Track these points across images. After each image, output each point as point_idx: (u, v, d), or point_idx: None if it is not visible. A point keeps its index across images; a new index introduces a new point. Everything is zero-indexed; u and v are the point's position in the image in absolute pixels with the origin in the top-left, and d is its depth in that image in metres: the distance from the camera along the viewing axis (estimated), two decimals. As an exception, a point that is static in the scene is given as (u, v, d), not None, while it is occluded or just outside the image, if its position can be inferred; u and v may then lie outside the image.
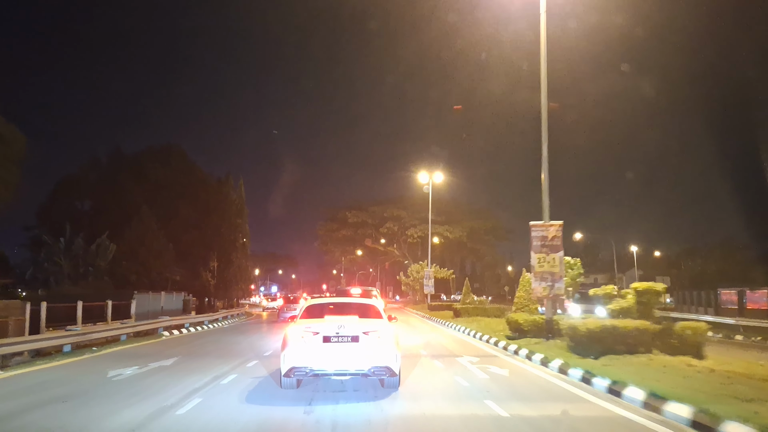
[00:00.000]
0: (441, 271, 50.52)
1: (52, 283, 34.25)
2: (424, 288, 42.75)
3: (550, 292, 15.26)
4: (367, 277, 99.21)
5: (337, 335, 8.58)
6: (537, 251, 15.43)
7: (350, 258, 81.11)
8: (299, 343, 8.55)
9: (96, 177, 48.64)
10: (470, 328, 20.85)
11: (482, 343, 17.28)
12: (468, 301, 31.53)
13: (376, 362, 8.46)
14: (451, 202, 58.88)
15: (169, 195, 48.64)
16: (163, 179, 49.48)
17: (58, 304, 20.56)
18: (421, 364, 12.54)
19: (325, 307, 10.00)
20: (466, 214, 62.03)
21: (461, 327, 22.39)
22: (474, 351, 14.95)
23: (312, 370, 8.45)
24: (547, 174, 15.37)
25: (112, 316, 23.03)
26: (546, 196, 15.46)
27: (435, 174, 41.68)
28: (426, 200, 58.80)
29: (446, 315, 31.27)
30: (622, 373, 9.62)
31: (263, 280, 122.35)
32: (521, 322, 16.61)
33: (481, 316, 26.71)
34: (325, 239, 69.41)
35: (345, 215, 62.63)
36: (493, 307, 29.03)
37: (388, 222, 60.29)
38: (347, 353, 8.47)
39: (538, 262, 15.31)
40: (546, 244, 15.37)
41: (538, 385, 9.87)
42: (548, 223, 15.55)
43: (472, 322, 23.35)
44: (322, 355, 8.46)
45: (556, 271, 15.17)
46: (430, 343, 17.42)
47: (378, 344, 8.57)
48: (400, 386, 9.31)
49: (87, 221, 45.45)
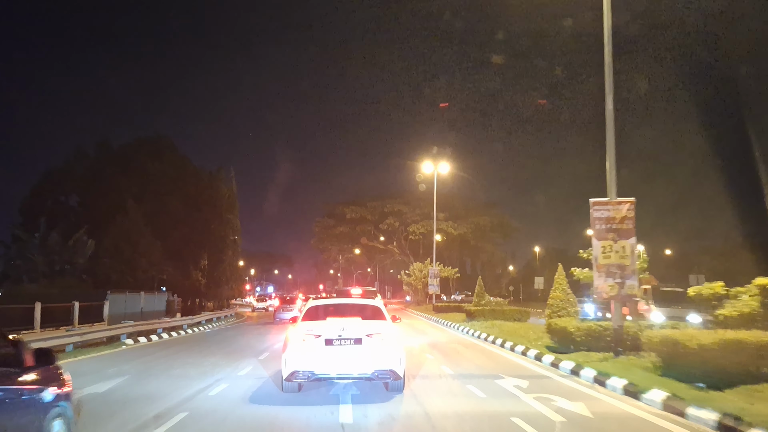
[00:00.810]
0: (445, 269, 47.62)
1: (25, 281, 31.47)
2: (429, 288, 39.84)
3: (619, 291, 11.72)
4: (365, 277, 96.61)
5: (339, 338, 8.39)
6: (601, 237, 11.90)
7: (348, 257, 78.21)
8: (300, 346, 8.38)
9: (83, 170, 46.03)
10: (493, 335, 17.98)
11: (517, 356, 14.11)
12: (483, 302, 28.55)
13: (379, 365, 8.29)
14: (456, 197, 55.91)
15: (157, 189, 46.56)
16: (151, 172, 47.38)
17: (13, 306, 17.67)
18: (449, 390, 9.44)
19: (327, 308, 9.73)
20: (471, 210, 58.97)
21: (479, 332, 19.56)
22: (514, 369, 11.87)
23: (314, 373, 8.29)
24: (612, 134, 12.06)
25: (80, 319, 20.18)
26: (612, 162, 12.04)
27: (440, 164, 38.74)
28: (429, 195, 55.86)
29: (456, 317, 28.41)
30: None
31: (259, 280, 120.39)
32: (571, 330, 13.02)
33: (499, 319, 23.85)
34: (322, 236, 66.09)
35: (343, 211, 59.44)
36: (511, 309, 25.94)
37: (388, 218, 57.17)
38: (350, 356, 8.30)
39: (603, 252, 11.80)
40: (613, 228, 11.82)
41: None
42: (616, 199, 12.00)
43: (491, 327, 20.47)
44: (324, 359, 8.29)
45: (627, 264, 11.63)
46: (450, 355, 14.58)
47: (382, 347, 8.39)
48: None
49: (74, 217, 43.71)
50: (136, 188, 44.53)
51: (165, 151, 50.39)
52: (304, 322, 9.00)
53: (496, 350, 15.72)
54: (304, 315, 9.45)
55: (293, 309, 32.18)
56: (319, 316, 9.25)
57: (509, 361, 13.40)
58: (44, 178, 45.11)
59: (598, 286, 11.93)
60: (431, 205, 56.10)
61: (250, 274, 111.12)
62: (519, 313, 25.09)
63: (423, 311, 39.92)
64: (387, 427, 6.95)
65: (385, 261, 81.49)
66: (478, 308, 25.76)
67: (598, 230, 12.02)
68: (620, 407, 8.11)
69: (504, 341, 16.15)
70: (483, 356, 14.38)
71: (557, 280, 17.74)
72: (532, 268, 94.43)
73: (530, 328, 19.80)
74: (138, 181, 45.71)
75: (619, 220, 11.83)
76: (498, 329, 19.63)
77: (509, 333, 18.01)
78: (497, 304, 30.37)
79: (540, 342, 15.04)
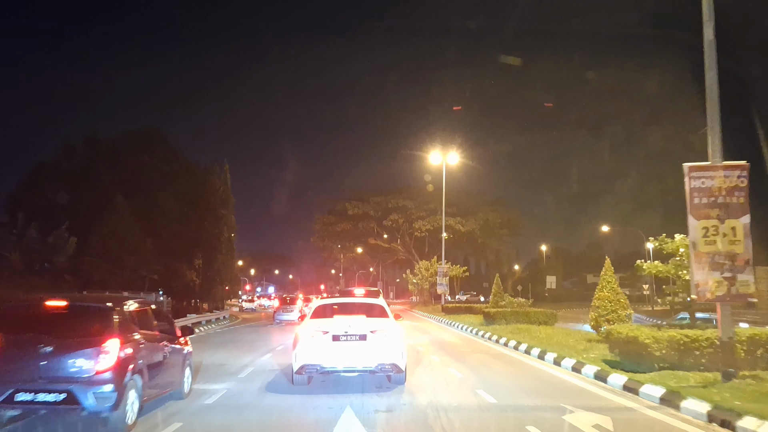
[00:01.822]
0: (453, 268, 44.72)
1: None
2: (438, 287, 37.00)
3: (729, 288, 8.59)
4: (367, 277, 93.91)
5: (345, 334, 8.92)
6: (701, 215, 8.83)
7: (350, 256, 75.30)
8: (310, 342, 8.96)
9: (71, 165, 44.24)
10: (525, 343, 15.03)
11: (568, 373, 11.14)
12: (502, 302, 25.55)
13: (383, 359, 8.81)
14: (463, 193, 52.91)
15: (148, 184, 44.66)
16: (142, 167, 45.38)
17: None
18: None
19: (334, 307, 10.30)
20: (480, 205, 55.91)
21: (505, 339, 16.72)
22: (574, 394, 9.02)
23: (323, 367, 8.85)
24: (715, 72, 8.93)
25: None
26: (715, 110, 8.92)
27: (449, 154, 35.89)
28: (436, 190, 52.98)
29: (470, 320, 25.55)
30: None
31: (259, 280, 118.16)
32: (646, 341, 9.80)
33: (522, 322, 20.93)
34: (322, 234, 62.91)
35: (344, 207, 56.30)
36: (536, 311, 22.44)
37: (392, 213, 54.12)
38: (355, 351, 8.84)
39: (705, 236, 8.69)
40: (719, 202, 8.76)
41: None
42: (722, 163, 9.02)
43: (518, 333, 17.61)
44: (331, 353, 8.85)
45: (738, 252, 8.54)
46: (479, 370, 11.77)
47: (385, 342, 8.93)
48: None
49: (64, 215, 40.65)
50: (126, 184, 42.89)
51: (156, 145, 48.44)
52: (312, 320, 9.62)
53: (536, 364, 12.72)
54: (313, 313, 10.07)
55: (294, 310, 29.87)
56: (326, 314, 9.81)
57: (560, 380, 10.49)
58: (31, 174, 43.34)
59: (699, 282, 8.76)
60: (438, 201, 53.30)
61: (250, 274, 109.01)
62: (545, 316, 21.70)
63: (430, 312, 37.17)
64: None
65: (388, 260, 78.75)
66: (498, 310, 22.71)
67: (696, 206, 8.87)
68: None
69: (543, 352, 13.17)
70: (523, 373, 11.55)
71: (604, 278, 14.88)
72: (538, 268, 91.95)
73: (567, 335, 16.97)
74: (128, 176, 44.18)
75: (726, 192, 8.69)
76: (528, 335, 16.81)
77: (545, 341, 15.07)
78: (519, 305, 26.99)
79: (591, 354, 12.15)
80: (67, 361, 6.18)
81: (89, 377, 6.13)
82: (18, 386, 6.07)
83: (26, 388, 6.08)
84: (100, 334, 6.41)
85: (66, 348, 6.25)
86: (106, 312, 6.83)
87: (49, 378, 6.10)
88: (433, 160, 36.44)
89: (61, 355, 6.18)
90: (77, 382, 6.11)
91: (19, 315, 6.95)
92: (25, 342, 6.30)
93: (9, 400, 6.08)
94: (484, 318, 23.12)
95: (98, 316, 6.77)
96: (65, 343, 6.27)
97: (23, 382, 6.09)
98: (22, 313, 7.00)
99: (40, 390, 6.07)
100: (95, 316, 6.81)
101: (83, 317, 6.85)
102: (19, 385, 6.07)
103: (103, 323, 6.59)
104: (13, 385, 6.07)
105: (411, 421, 7.29)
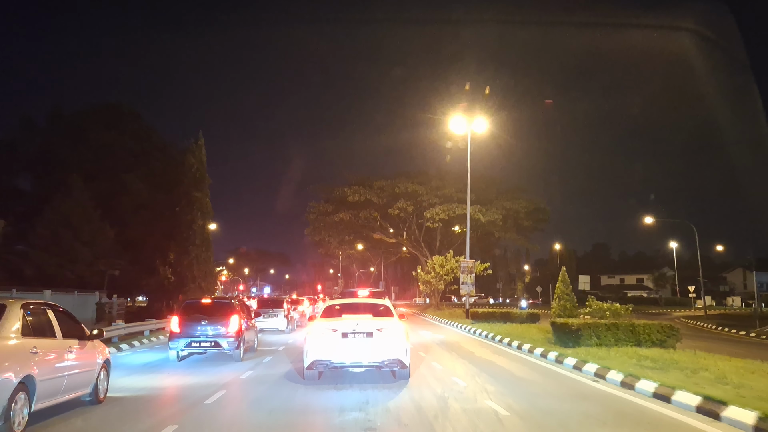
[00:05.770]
0: (477, 264, 37.18)
1: None
2: (461, 287, 29.64)
3: None
4: (368, 277, 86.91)
5: (353, 331, 9.61)
6: None
7: (349, 253, 67.95)
8: (320, 339, 9.65)
9: (34, 146, 38.95)
10: (684, 389, 7.62)
11: None
12: (585, 311, 16.23)
13: (388, 355, 9.48)
14: (484, 178, 45.44)
15: (114, 165, 38.30)
16: (107, 145, 38.87)
17: None
18: None
19: (342, 307, 11.08)
20: (502, 193, 48.35)
21: (654, 385, 8.66)
22: None
23: (332, 362, 9.56)
24: None
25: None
26: None
27: (475, 121, 28.52)
28: (452, 173, 45.32)
29: (525, 333, 18.04)
30: None
31: (254, 280, 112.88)
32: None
33: (630, 342, 13.41)
34: (317, 225, 54.86)
35: (343, 193, 48.37)
36: (647, 324, 14.08)
37: (400, 200, 46.42)
38: (363, 347, 9.52)
39: None
40: None
41: None
42: None
43: (663, 370, 9.98)
44: (340, 350, 9.54)
45: None
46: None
47: (390, 339, 9.58)
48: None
49: (28, 200, 36.95)
50: (88, 163, 36.45)
51: (126, 121, 41.77)
52: (322, 319, 10.42)
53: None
54: (323, 313, 11.02)
55: (279, 314, 22.67)
56: (335, 313, 10.70)
57: None
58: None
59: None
60: (453, 185, 46.04)
61: (244, 274, 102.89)
62: (662, 332, 13.67)
63: (449, 318, 29.98)
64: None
65: (391, 257, 71.58)
66: (582, 322, 14.45)
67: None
68: None
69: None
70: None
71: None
72: (551, 268, 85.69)
73: (747, 369, 9.74)
74: (90, 155, 37.49)
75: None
76: (684, 376, 9.30)
77: (718, 383, 7.69)
78: (613, 312, 15.73)
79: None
80: (214, 327, 13.44)
81: (224, 334, 13.27)
82: (192, 340, 13.18)
83: (194, 340, 13.20)
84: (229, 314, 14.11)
85: (212, 321, 13.48)
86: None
87: (206, 336, 13.29)
88: (455, 129, 29.08)
89: (210, 324, 13.40)
90: (219, 337, 13.23)
91: (190, 305, 14.29)
92: (194, 318, 13.46)
93: (188, 345, 13.17)
94: (561, 331, 14.63)
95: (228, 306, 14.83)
96: (211, 318, 13.51)
97: (194, 337, 13.20)
98: (191, 305, 14.39)
99: (201, 342, 13.22)
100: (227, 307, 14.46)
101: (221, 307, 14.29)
102: (192, 339, 13.18)
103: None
104: (189, 338, 13.16)
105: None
